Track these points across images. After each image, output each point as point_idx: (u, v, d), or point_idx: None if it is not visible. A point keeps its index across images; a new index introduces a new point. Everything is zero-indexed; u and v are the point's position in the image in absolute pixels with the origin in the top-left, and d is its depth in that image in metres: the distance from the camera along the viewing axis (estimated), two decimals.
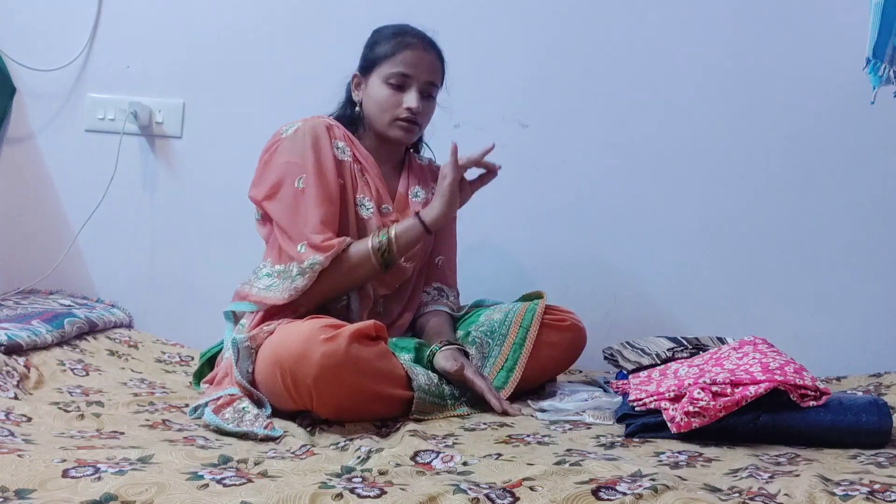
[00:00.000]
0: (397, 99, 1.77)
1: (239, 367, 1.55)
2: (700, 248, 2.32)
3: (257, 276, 1.75)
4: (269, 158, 1.75)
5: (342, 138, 1.79)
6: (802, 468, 1.21)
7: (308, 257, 1.65)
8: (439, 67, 1.83)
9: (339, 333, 1.47)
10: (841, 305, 2.28)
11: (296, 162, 1.71)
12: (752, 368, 1.48)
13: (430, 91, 1.81)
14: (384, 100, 1.78)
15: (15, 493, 1.00)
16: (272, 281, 1.71)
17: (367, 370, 1.50)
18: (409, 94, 1.77)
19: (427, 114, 1.83)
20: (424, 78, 1.78)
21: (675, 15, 2.32)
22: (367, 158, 1.82)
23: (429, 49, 1.81)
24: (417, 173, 1.93)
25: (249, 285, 1.73)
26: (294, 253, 1.68)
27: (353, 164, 1.79)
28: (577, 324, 1.86)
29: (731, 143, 2.31)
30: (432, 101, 1.83)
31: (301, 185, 1.70)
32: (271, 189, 1.72)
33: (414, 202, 1.88)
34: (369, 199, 1.79)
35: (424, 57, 1.79)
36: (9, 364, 1.65)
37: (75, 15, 2.39)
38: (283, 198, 1.71)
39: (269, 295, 1.68)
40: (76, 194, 2.38)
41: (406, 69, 1.77)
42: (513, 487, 1.08)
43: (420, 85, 1.78)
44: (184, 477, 1.08)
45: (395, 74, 1.77)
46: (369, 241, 1.70)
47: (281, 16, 2.37)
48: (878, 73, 1.67)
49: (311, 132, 1.74)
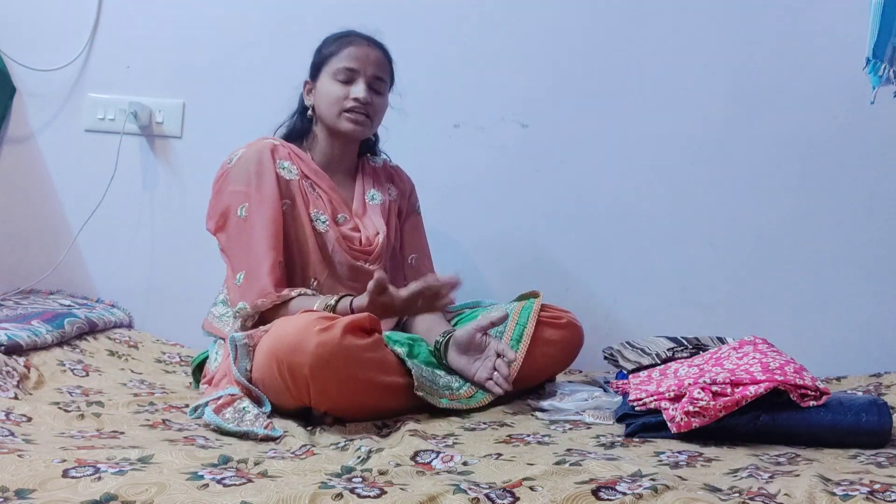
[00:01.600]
0: (345, 91, 1.80)
1: (237, 365, 1.55)
2: (700, 249, 2.31)
3: (214, 303, 1.83)
4: (219, 188, 1.79)
5: (287, 157, 1.81)
6: (802, 468, 1.21)
7: (238, 301, 1.69)
8: (386, 64, 1.86)
9: (334, 324, 1.48)
10: (841, 305, 2.28)
11: (240, 190, 1.75)
12: (752, 368, 1.48)
13: (378, 87, 1.83)
14: (333, 94, 1.80)
15: (15, 493, 1.00)
16: (225, 310, 1.79)
17: (362, 360, 1.51)
18: (357, 86, 1.79)
19: (377, 108, 1.84)
20: (371, 72, 1.81)
21: (675, 15, 2.32)
22: (316, 172, 1.84)
23: (374, 46, 1.85)
24: (372, 176, 1.95)
25: (209, 312, 1.82)
26: (231, 284, 1.72)
27: (301, 182, 1.80)
28: (573, 321, 1.86)
29: (731, 143, 2.31)
30: (382, 97, 1.85)
31: (244, 214, 1.73)
32: (220, 219, 1.77)
33: (371, 205, 1.90)
34: (323, 213, 1.80)
35: (370, 52, 1.83)
36: (9, 364, 1.65)
37: (75, 15, 2.39)
38: (230, 229, 1.75)
39: (219, 326, 1.77)
40: (76, 194, 2.38)
41: (352, 63, 1.80)
42: (513, 487, 1.08)
43: (367, 78, 1.80)
44: (184, 477, 1.08)
45: (341, 69, 1.80)
46: (315, 304, 1.64)
47: (281, 16, 2.37)
48: (878, 73, 1.67)
49: (255, 156, 1.77)
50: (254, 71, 2.37)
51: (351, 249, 1.82)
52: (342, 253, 1.80)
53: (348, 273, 1.81)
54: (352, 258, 1.81)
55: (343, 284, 1.80)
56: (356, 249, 1.83)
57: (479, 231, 2.30)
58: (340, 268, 1.80)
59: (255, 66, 2.37)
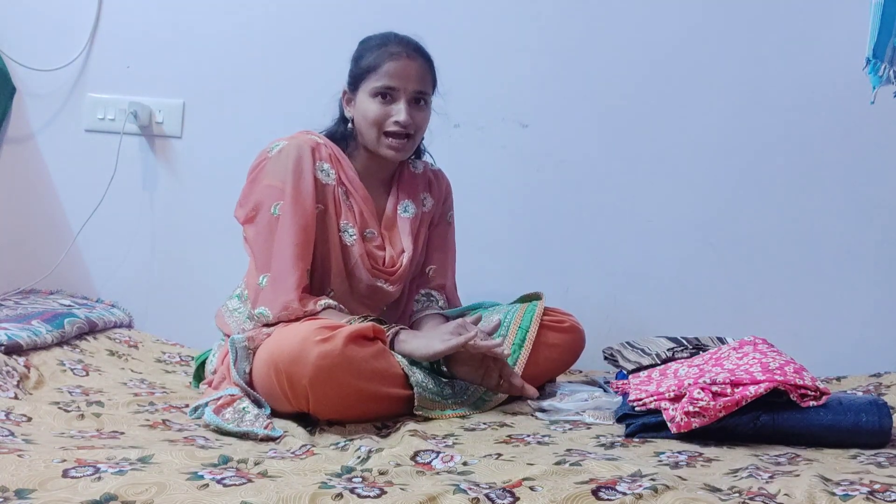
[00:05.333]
0: (386, 112, 1.72)
1: (237, 367, 1.55)
2: (700, 249, 2.31)
3: (230, 296, 1.80)
4: (254, 178, 1.73)
5: (328, 159, 1.74)
6: (802, 468, 1.21)
7: (259, 305, 1.65)
8: (428, 74, 1.78)
9: (336, 334, 1.46)
10: (841, 305, 2.28)
11: (276, 186, 1.68)
12: (752, 368, 1.48)
13: (421, 99, 1.76)
14: (372, 114, 1.72)
15: (15, 493, 1.00)
16: (239, 305, 1.76)
17: (363, 370, 1.49)
18: (398, 107, 1.72)
19: (420, 124, 1.76)
20: (412, 88, 1.73)
21: (674, 15, 2.32)
22: (353, 180, 1.77)
23: (414, 56, 1.75)
24: (408, 185, 1.88)
25: (224, 305, 1.78)
26: (254, 283, 1.68)
27: (337, 188, 1.74)
28: (575, 325, 1.86)
29: (732, 143, 2.31)
30: (425, 108, 1.78)
31: (277, 213, 1.67)
32: (251, 212, 1.71)
33: (402, 218, 1.84)
34: (353, 226, 1.75)
35: (410, 66, 1.73)
36: (9, 364, 1.65)
37: (75, 15, 2.39)
38: (259, 224, 1.69)
39: (230, 321, 1.75)
40: (76, 194, 2.38)
41: (392, 81, 1.72)
42: (513, 487, 1.08)
43: (408, 95, 1.72)
44: (184, 477, 1.08)
45: (381, 88, 1.72)
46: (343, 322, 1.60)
47: (281, 16, 2.37)
48: (878, 73, 1.67)
49: (295, 153, 1.70)
50: (254, 71, 2.37)
51: (373, 268, 1.76)
52: (363, 270, 1.75)
53: (365, 290, 1.77)
54: (372, 276, 1.76)
55: (358, 300, 1.77)
56: (378, 269, 1.77)
57: (479, 231, 2.30)
58: (359, 283, 1.76)
59: (254, 66, 2.37)
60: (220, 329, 1.79)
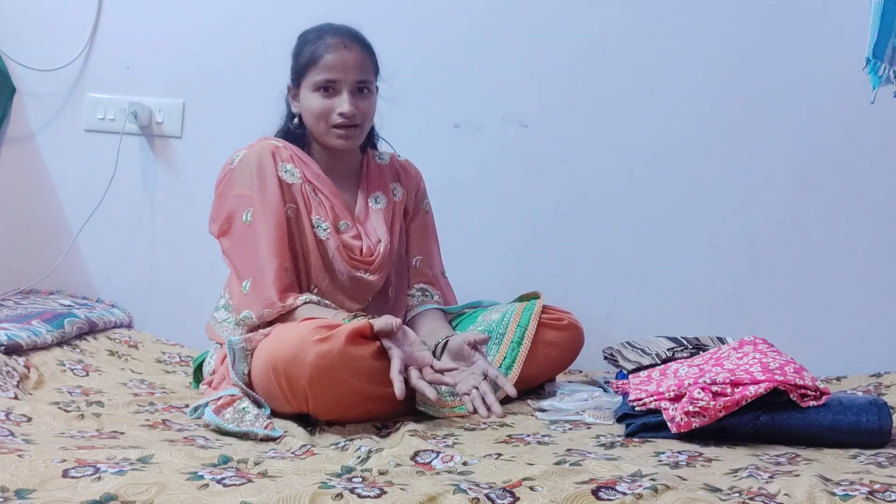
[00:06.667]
0: (329, 105, 1.73)
1: (235, 369, 1.54)
2: (700, 248, 2.32)
3: (216, 308, 1.79)
4: (222, 191, 1.74)
5: (290, 160, 1.75)
6: (802, 468, 1.21)
7: (243, 309, 1.65)
8: (367, 61, 1.77)
9: (334, 334, 1.46)
10: (841, 305, 2.28)
11: (244, 194, 1.70)
12: (752, 368, 1.48)
13: (364, 87, 1.75)
14: (317, 109, 1.73)
15: (15, 493, 1.00)
16: (227, 315, 1.76)
17: (362, 370, 1.49)
18: (340, 99, 1.72)
19: (366, 112, 1.76)
20: (353, 78, 1.73)
21: (675, 15, 2.32)
22: (319, 176, 1.78)
23: (352, 46, 1.75)
24: (376, 177, 1.88)
25: (212, 317, 1.78)
26: (237, 291, 1.68)
27: (304, 185, 1.75)
28: (574, 323, 1.85)
29: (731, 143, 2.31)
30: (369, 96, 1.77)
31: (249, 219, 1.69)
32: (224, 224, 1.72)
33: (374, 210, 1.85)
34: (325, 220, 1.75)
35: (348, 56, 1.73)
36: (9, 364, 1.65)
37: (75, 15, 2.39)
38: (234, 234, 1.70)
39: (220, 332, 1.74)
40: (76, 194, 2.38)
41: (332, 74, 1.72)
42: (513, 487, 1.08)
43: (350, 86, 1.73)
44: (184, 477, 1.08)
45: (322, 82, 1.72)
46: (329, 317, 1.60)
47: (281, 16, 2.37)
48: (878, 73, 1.67)
49: (256, 159, 1.72)
50: (254, 71, 2.37)
51: (351, 259, 1.77)
52: (341, 262, 1.75)
53: (348, 282, 1.77)
54: (352, 268, 1.77)
55: (343, 293, 1.78)
56: (356, 259, 1.78)
57: (479, 231, 2.30)
58: (341, 276, 1.77)
59: (255, 66, 2.37)
60: (212, 340, 1.79)
